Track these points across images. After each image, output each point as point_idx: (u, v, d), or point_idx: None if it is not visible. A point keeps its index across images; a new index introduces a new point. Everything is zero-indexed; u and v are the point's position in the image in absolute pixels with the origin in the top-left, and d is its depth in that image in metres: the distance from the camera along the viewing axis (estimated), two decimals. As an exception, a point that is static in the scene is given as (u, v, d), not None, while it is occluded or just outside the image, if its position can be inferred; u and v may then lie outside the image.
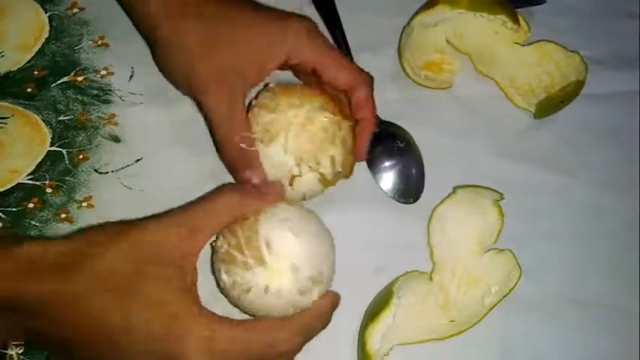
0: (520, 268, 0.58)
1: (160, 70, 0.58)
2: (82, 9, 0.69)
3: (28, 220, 0.60)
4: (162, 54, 0.56)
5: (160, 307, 0.44)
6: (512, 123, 0.66)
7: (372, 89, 0.56)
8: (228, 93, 0.51)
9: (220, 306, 0.50)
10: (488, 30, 0.67)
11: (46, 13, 0.69)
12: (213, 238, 0.51)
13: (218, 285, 0.52)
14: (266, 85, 0.55)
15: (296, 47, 0.51)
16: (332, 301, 0.50)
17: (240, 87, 0.51)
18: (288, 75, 0.59)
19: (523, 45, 0.67)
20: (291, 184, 0.53)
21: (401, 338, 0.56)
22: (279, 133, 0.52)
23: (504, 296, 0.58)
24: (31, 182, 0.61)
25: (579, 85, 0.64)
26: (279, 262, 0.48)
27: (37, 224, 0.60)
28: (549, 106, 0.65)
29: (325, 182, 0.55)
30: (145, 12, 0.56)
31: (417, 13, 0.67)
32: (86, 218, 0.60)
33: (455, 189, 0.61)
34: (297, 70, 0.55)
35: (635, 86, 0.68)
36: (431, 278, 0.58)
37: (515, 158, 0.65)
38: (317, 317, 0.49)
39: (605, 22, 0.71)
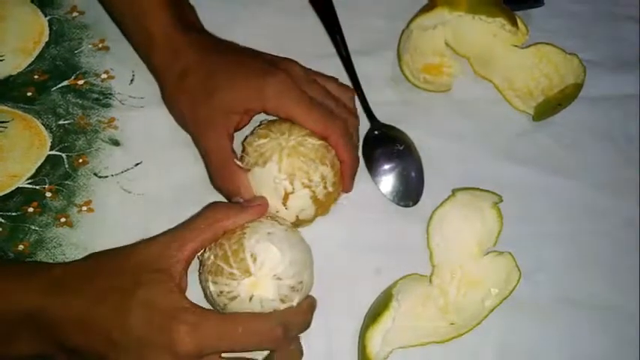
0: (519, 270, 0.58)
1: (167, 108, 0.62)
2: (81, 12, 0.69)
3: (28, 225, 0.60)
4: (166, 98, 0.62)
5: (152, 305, 0.49)
6: (511, 125, 0.66)
7: (344, 135, 0.58)
8: (217, 132, 0.58)
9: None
10: (487, 33, 0.67)
11: (45, 17, 0.69)
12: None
13: (205, 295, 0.54)
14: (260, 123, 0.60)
15: (270, 100, 0.58)
16: (309, 303, 0.54)
17: (226, 128, 0.58)
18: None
19: (521, 48, 0.67)
20: (285, 203, 0.56)
21: (401, 341, 0.56)
22: (273, 154, 0.56)
23: (504, 299, 0.58)
24: (30, 186, 0.61)
25: (577, 87, 0.65)
26: (263, 273, 0.51)
27: (37, 228, 0.60)
28: (548, 109, 0.65)
29: (317, 202, 0.57)
30: (150, 61, 0.62)
31: (416, 16, 0.67)
32: (86, 222, 0.60)
33: (454, 192, 0.61)
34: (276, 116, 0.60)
35: (634, 89, 0.68)
36: (430, 281, 0.58)
37: (514, 161, 0.65)
38: (296, 314, 0.53)
39: (604, 24, 0.71)
